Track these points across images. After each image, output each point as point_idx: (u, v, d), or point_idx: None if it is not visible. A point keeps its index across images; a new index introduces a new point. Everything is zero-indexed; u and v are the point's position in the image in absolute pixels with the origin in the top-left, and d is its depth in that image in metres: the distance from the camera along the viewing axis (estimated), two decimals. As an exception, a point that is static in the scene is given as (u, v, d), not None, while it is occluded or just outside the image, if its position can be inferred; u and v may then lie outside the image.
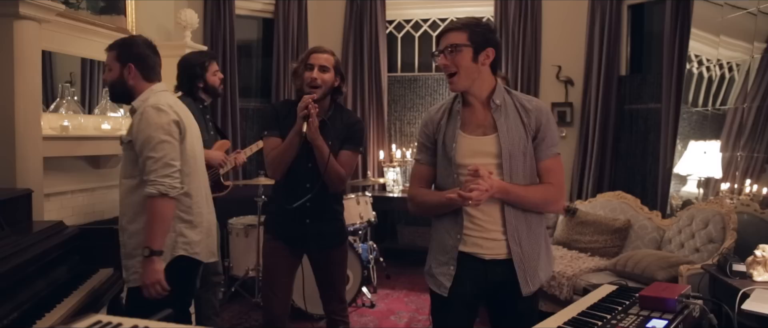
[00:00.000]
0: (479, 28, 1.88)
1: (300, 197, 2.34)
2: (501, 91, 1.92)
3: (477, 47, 1.86)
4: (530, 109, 1.90)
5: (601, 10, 4.80)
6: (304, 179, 2.34)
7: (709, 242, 3.37)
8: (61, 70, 3.42)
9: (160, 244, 2.10)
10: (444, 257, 1.94)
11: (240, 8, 5.28)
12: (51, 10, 2.77)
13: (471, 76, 1.87)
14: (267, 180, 3.85)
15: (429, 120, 1.99)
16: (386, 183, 5.34)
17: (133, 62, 2.21)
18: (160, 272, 2.11)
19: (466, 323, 1.98)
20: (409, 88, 5.66)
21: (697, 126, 4.22)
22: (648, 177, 4.69)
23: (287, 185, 2.38)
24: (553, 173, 1.90)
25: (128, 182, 2.20)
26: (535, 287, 1.93)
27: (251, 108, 5.45)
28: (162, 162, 2.11)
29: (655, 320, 1.61)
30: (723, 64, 4.00)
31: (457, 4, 5.54)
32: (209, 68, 3.04)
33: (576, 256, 3.84)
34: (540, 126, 1.89)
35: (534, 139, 1.89)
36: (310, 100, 2.22)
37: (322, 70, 2.32)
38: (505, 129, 1.87)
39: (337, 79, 2.37)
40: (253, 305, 3.98)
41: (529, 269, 1.90)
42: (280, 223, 2.45)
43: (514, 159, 1.87)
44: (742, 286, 2.50)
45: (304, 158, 2.32)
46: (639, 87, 4.82)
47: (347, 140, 2.38)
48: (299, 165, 2.33)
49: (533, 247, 1.91)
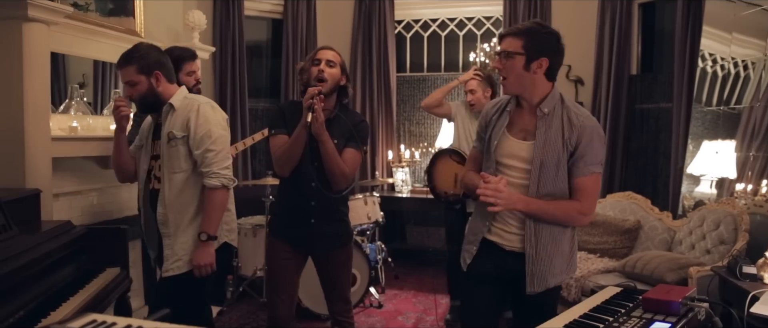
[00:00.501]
0: (536, 37, 1.89)
1: (305, 196, 2.36)
2: (553, 100, 1.94)
3: (530, 56, 1.88)
4: (575, 124, 1.91)
5: (612, 8, 4.75)
6: (309, 178, 2.34)
7: (720, 243, 3.32)
8: (75, 71, 3.47)
9: (216, 230, 2.30)
10: (472, 238, 2.10)
11: (249, 9, 5.31)
12: (59, 13, 2.80)
13: (522, 82, 1.92)
14: (275, 180, 3.85)
15: (485, 113, 2.09)
16: (395, 183, 5.33)
17: (158, 69, 2.28)
18: (213, 255, 2.30)
19: (486, 299, 2.07)
20: (418, 88, 5.65)
21: (711, 126, 4.16)
22: (659, 177, 4.63)
23: (293, 184, 2.39)
24: (586, 192, 1.92)
25: (179, 176, 2.30)
26: (540, 288, 1.98)
27: (260, 108, 5.47)
28: (222, 155, 2.30)
29: (658, 323, 1.59)
30: (737, 62, 3.94)
31: (466, 3, 5.51)
32: (184, 67, 2.92)
33: (585, 257, 3.80)
34: (579, 143, 1.90)
35: (572, 155, 1.91)
36: (315, 92, 2.22)
37: (329, 65, 2.34)
38: (543, 139, 1.91)
39: (343, 77, 2.39)
40: (261, 305, 3.99)
41: (538, 271, 1.96)
42: (285, 223, 2.46)
43: (545, 168, 1.91)
44: (752, 289, 2.46)
45: (309, 157, 2.34)
46: (650, 86, 4.76)
47: (352, 139, 2.39)
48: (305, 164, 2.34)
49: (548, 251, 1.96)
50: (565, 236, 1.99)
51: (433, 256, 5.43)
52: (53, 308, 2.13)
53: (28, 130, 2.68)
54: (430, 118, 5.61)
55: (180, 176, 2.30)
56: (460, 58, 5.66)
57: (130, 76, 2.26)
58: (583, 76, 5.00)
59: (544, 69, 1.90)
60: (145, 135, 2.43)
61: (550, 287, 1.99)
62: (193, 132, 2.26)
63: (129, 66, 2.26)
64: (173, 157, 2.29)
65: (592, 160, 1.91)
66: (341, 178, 2.35)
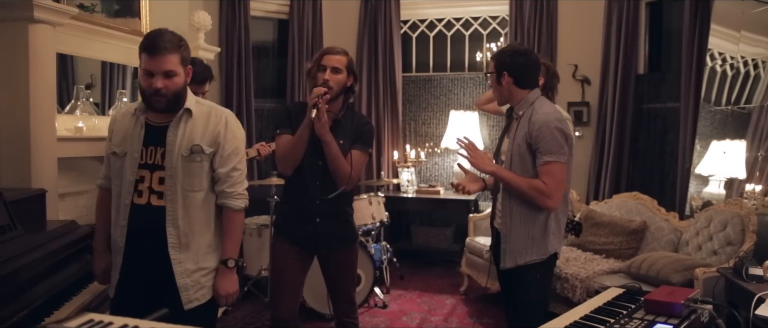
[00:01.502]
0: (498, 57, 2.34)
1: (310, 195, 2.36)
2: (525, 104, 2.31)
3: (498, 72, 2.32)
4: (532, 121, 2.25)
5: (619, 7, 4.71)
6: (314, 177, 2.36)
7: (727, 244, 3.28)
8: (83, 72, 3.49)
9: (237, 254, 2.10)
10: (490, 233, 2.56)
11: (255, 9, 5.32)
12: (65, 14, 2.82)
13: (501, 94, 2.37)
14: (279, 180, 3.86)
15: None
16: (400, 183, 5.33)
17: (190, 64, 2.04)
18: (237, 282, 2.12)
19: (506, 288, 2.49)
20: (424, 88, 5.64)
21: (720, 125, 4.11)
22: (666, 177, 4.59)
23: (297, 183, 2.40)
24: (545, 176, 2.22)
25: (198, 195, 2.00)
26: (510, 264, 2.31)
27: (266, 109, 5.49)
28: (244, 175, 2.11)
29: (660, 324, 1.58)
30: (748, 61, 3.89)
31: (471, 3, 5.49)
32: (205, 86, 2.93)
33: (590, 258, 3.77)
34: (533, 137, 2.23)
35: (535, 148, 2.23)
36: (321, 92, 2.25)
37: (334, 71, 2.36)
38: (513, 136, 2.32)
39: (349, 79, 2.41)
40: (265, 305, 4.00)
41: (510, 248, 2.30)
42: (290, 223, 2.47)
43: (514, 159, 2.31)
44: (758, 290, 2.42)
45: (313, 157, 2.36)
46: (657, 85, 4.72)
47: (357, 140, 2.41)
48: (309, 163, 2.36)
49: (519, 231, 2.28)
50: (537, 220, 2.26)
51: (438, 256, 5.41)
52: (57, 306, 2.15)
53: (34, 130, 2.70)
54: (435, 118, 5.60)
55: (199, 196, 2.00)
56: (466, 58, 5.64)
57: (173, 65, 1.91)
58: (590, 75, 4.97)
59: (509, 82, 2.30)
60: (129, 138, 2.01)
61: (519, 264, 2.28)
62: (222, 148, 2.01)
63: (174, 53, 1.91)
64: (194, 173, 1.99)
65: (545, 150, 2.20)
66: (344, 176, 2.36)
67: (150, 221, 1.98)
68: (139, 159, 1.98)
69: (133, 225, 1.99)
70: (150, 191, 1.99)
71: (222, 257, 2.06)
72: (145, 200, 1.98)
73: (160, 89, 1.90)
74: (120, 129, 2.05)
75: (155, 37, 1.91)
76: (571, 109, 5.00)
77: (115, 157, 2.03)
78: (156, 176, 1.98)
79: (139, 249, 2.00)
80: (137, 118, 2.01)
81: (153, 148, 1.99)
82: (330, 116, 2.33)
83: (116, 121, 2.09)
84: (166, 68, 1.90)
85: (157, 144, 1.99)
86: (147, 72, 1.91)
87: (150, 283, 2.01)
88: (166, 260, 1.98)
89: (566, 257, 3.75)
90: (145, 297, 1.97)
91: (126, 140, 2.01)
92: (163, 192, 1.97)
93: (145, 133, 1.99)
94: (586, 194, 4.89)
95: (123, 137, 2.02)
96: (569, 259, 3.71)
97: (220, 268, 2.06)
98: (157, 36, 1.91)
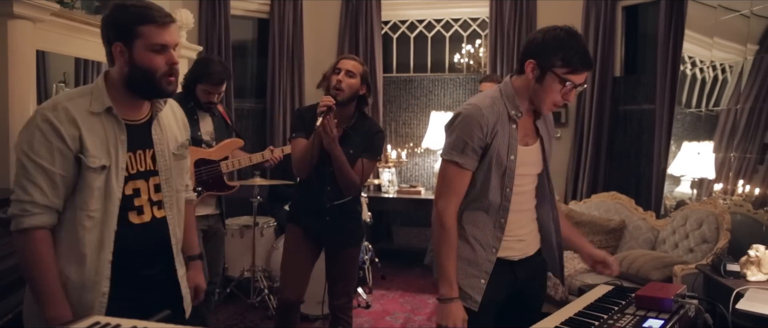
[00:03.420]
0: (527, 43, 1.77)
1: (321, 197, 2.50)
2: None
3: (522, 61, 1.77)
4: (546, 115, 1.89)
5: (596, 10, 4.82)
6: (325, 182, 2.50)
7: (703, 242, 3.39)
8: (55, 69, 3.40)
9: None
10: (474, 270, 1.80)
11: (235, 8, 5.27)
12: (45, 10, 2.77)
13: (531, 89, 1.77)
14: (262, 180, 3.85)
15: (483, 121, 1.73)
16: (381, 184, 5.34)
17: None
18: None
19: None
20: (405, 88, 5.67)
21: (691, 127, 4.25)
22: (642, 178, 4.71)
23: (310, 184, 2.54)
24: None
25: (183, 195, 1.78)
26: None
27: (246, 108, 5.44)
28: None
29: (652, 319, 1.62)
30: (716, 65, 4.03)
31: (452, 4, 5.54)
32: (197, 86, 2.85)
33: (571, 256, 3.84)
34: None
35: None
36: (331, 103, 2.33)
37: (348, 75, 2.44)
38: (547, 137, 1.89)
39: (362, 87, 2.48)
40: (248, 306, 3.97)
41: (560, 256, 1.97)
42: (303, 216, 2.60)
43: (549, 166, 1.89)
44: (736, 286, 2.52)
45: (325, 164, 2.47)
46: (633, 88, 4.85)
47: (367, 149, 2.52)
48: (321, 170, 2.48)
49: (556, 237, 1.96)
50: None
51: (420, 256, 5.44)
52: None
53: (13, 129, 2.63)
54: (416, 118, 5.63)
55: (183, 195, 1.79)
56: (446, 59, 5.69)
57: (177, 35, 1.64)
58: (568, 77, 5.06)
59: (536, 71, 1.77)
60: (106, 144, 1.55)
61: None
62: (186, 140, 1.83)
63: (175, 25, 1.62)
64: (183, 170, 1.77)
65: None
66: (353, 189, 2.52)
67: (153, 239, 1.65)
68: (125, 170, 1.58)
69: (126, 251, 1.58)
70: (150, 203, 1.64)
71: (190, 253, 1.87)
72: (148, 216, 1.63)
73: (176, 65, 1.59)
74: (90, 134, 1.52)
75: (153, 6, 1.56)
76: (550, 111, 5.08)
77: (95, 173, 1.52)
78: (152, 184, 1.65)
79: (136, 276, 1.62)
80: (111, 118, 1.56)
81: (141, 151, 1.62)
82: (339, 130, 2.44)
83: (76, 123, 1.51)
84: (177, 40, 1.61)
85: (143, 146, 1.63)
86: (157, 47, 1.54)
87: (142, 307, 1.51)
88: (168, 276, 1.71)
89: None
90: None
91: (105, 148, 1.54)
92: (162, 201, 1.66)
93: (128, 135, 1.59)
94: (565, 194, 4.99)
95: (100, 144, 1.53)
96: (551, 257, 3.77)
97: (195, 263, 1.89)
98: (154, 5, 1.57)
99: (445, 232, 1.75)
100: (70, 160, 1.50)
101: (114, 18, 1.55)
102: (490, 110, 1.74)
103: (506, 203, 1.78)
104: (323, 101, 2.34)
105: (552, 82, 1.70)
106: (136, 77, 1.56)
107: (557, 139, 5.04)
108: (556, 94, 1.72)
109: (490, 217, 1.79)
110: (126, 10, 1.54)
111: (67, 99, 1.54)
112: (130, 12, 1.54)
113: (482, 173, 1.76)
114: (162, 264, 1.68)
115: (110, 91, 1.57)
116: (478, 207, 1.79)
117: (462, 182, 1.76)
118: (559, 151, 5.09)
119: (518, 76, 1.78)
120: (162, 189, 1.67)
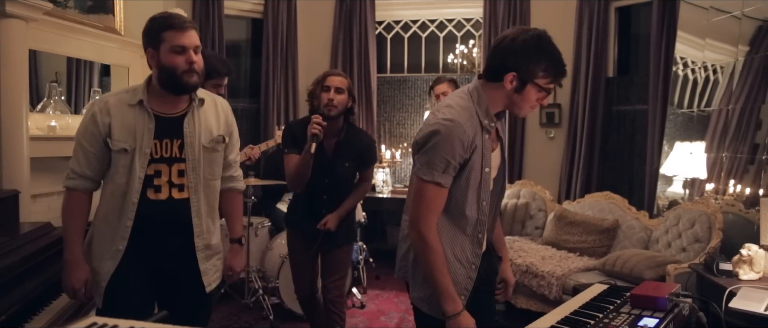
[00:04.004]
0: (501, 52, 1.69)
1: (317, 207, 2.66)
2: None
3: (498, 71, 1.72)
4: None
5: (589, 11, 4.85)
6: (321, 192, 2.64)
7: (695, 241, 3.42)
8: (47, 69, 3.39)
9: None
10: (455, 287, 1.71)
11: (229, 8, 5.26)
12: (38, 9, 2.74)
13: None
14: (257, 180, 3.84)
15: (465, 137, 1.65)
16: (376, 184, 5.34)
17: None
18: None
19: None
20: (399, 89, 5.67)
21: (683, 127, 4.28)
22: (635, 178, 4.74)
23: (306, 195, 2.67)
24: None
25: (215, 183, 2.02)
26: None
27: (240, 108, 5.42)
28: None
29: (647, 318, 1.63)
30: (708, 66, 4.06)
31: (446, 5, 5.55)
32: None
33: (565, 256, 3.87)
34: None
35: None
36: (319, 128, 2.44)
37: (337, 91, 2.56)
38: (504, 136, 1.88)
39: (349, 100, 2.63)
40: (242, 307, 3.96)
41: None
42: (300, 221, 2.75)
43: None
44: (728, 284, 2.55)
45: (320, 174, 2.59)
46: (626, 88, 4.88)
47: (365, 162, 2.72)
48: (316, 181, 2.61)
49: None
50: None
51: (414, 256, 5.45)
52: (36, 311, 2.09)
53: (6, 129, 2.62)
54: (410, 118, 5.64)
55: (217, 183, 2.03)
56: (440, 60, 5.70)
57: (198, 40, 1.89)
58: (561, 78, 5.08)
59: (514, 84, 1.73)
60: (136, 131, 1.87)
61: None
62: (231, 136, 2.06)
63: (196, 30, 1.90)
64: (215, 162, 2.00)
65: None
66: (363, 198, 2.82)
67: (173, 215, 1.92)
68: (149, 154, 1.87)
69: (146, 222, 1.88)
70: (170, 184, 1.91)
71: (233, 236, 2.13)
72: (165, 194, 1.90)
73: (195, 63, 1.85)
74: (120, 122, 1.86)
75: (174, 15, 1.87)
76: (543, 111, 5.11)
77: (120, 154, 1.86)
78: (175, 169, 1.91)
79: (152, 246, 1.90)
80: (143, 110, 1.87)
81: (167, 141, 1.90)
82: (332, 143, 2.61)
83: (110, 113, 1.87)
84: (196, 43, 1.87)
85: (171, 136, 1.90)
86: (177, 48, 1.82)
87: (158, 274, 1.93)
88: (187, 250, 1.95)
89: (541, 255, 3.83)
90: (149, 290, 1.95)
91: (131, 134, 1.86)
92: (184, 184, 1.92)
93: (156, 126, 1.88)
94: (559, 194, 5.01)
95: (127, 131, 1.86)
96: (545, 257, 3.79)
97: (234, 246, 2.13)
98: (176, 14, 1.88)
99: (433, 252, 1.66)
100: (100, 141, 1.87)
101: (146, 29, 1.87)
102: (470, 125, 1.66)
103: (483, 217, 1.74)
104: (314, 122, 2.44)
105: (532, 91, 1.67)
106: (164, 76, 1.86)
107: (550, 139, 5.08)
108: (534, 101, 1.70)
109: (467, 234, 1.73)
110: (154, 20, 1.87)
111: (113, 94, 1.94)
112: (157, 21, 1.85)
113: (459, 189, 1.69)
114: (181, 240, 1.94)
115: (151, 91, 1.90)
116: (454, 223, 1.72)
117: (442, 202, 1.69)
118: (552, 152, 5.12)
119: (491, 84, 1.70)
120: (187, 175, 1.92)
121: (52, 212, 3.08)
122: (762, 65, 3.52)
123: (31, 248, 2.23)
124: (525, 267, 3.71)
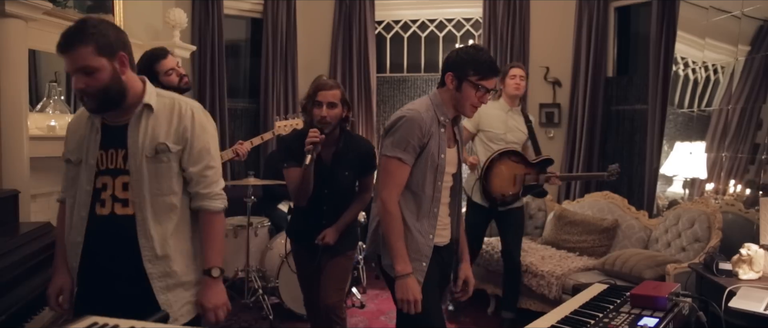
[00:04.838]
0: (445, 61, 2.11)
1: (317, 217, 2.65)
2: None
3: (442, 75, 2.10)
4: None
5: (589, 11, 4.85)
6: (321, 203, 2.63)
7: (695, 241, 3.42)
8: (46, 69, 3.38)
9: (221, 262, 1.84)
10: (416, 255, 2.05)
11: (228, 8, 5.25)
12: (38, 9, 2.74)
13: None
14: (256, 180, 3.84)
15: (423, 123, 2.01)
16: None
17: (123, 50, 1.70)
18: (225, 293, 1.85)
19: (439, 307, 2.20)
20: (399, 88, 5.67)
21: (683, 127, 4.28)
22: (635, 177, 4.74)
23: (306, 208, 2.65)
24: None
25: (170, 199, 1.77)
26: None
27: (240, 108, 5.42)
28: (220, 173, 1.88)
29: (647, 318, 1.64)
30: (708, 66, 4.07)
31: (446, 5, 5.55)
32: (159, 69, 2.62)
33: (564, 255, 3.87)
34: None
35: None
36: (317, 135, 2.42)
37: (330, 106, 2.51)
38: (460, 142, 2.19)
39: (344, 110, 2.57)
40: (242, 307, 3.95)
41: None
42: (301, 232, 2.74)
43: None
44: (728, 284, 2.55)
45: (320, 185, 2.58)
46: (626, 88, 4.88)
47: (366, 169, 2.68)
48: (316, 191, 2.59)
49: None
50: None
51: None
52: (36, 311, 2.09)
53: (5, 129, 2.62)
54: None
55: (170, 200, 1.77)
56: (439, 59, 5.70)
57: (85, 59, 1.61)
58: (561, 78, 5.09)
59: (454, 83, 2.08)
60: (84, 143, 1.77)
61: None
62: (190, 145, 1.78)
63: (84, 46, 1.60)
64: (162, 175, 1.76)
65: None
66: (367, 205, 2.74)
67: (116, 233, 1.73)
68: (95, 166, 1.73)
69: (94, 239, 1.74)
70: (113, 198, 1.74)
71: (204, 267, 1.82)
72: (108, 209, 1.73)
73: (84, 89, 1.64)
74: (74, 134, 1.81)
75: (64, 33, 1.63)
76: (543, 111, 5.11)
77: (69, 166, 1.79)
78: (119, 182, 1.74)
79: (101, 266, 1.74)
80: (92, 121, 1.76)
81: (113, 151, 1.74)
82: (330, 153, 2.59)
83: (70, 127, 1.84)
84: (79, 65, 1.62)
85: (116, 146, 1.74)
86: (68, 73, 1.68)
87: (115, 296, 1.73)
88: (140, 274, 1.74)
89: (541, 255, 3.83)
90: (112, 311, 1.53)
91: (81, 146, 1.77)
92: (129, 199, 1.74)
93: (102, 135, 1.75)
94: (558, 194, 5.01)
95: (78, 143, 1.78)
96: (544, 257, 3.79)
97: (204, 279, 1.81)
98: (67, 30, 1.63)
99: (392, 217, 1.98)
100: (64, 155, 1.84)
101: None
102: (427, 115, 2.03)
103: (438, 194, 2.06)
104: (310, 136, 2.42)
105: (468, 89, 2.02)
106: None
107: (550, 139, 5.07)
108: (473, 99, 2.03)
109: (424, 208, 2.05)
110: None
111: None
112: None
113: (419, 170, 2.03)
114: (128, 260, 1.73)
115: None
116: (415, 200, 2.05)
117: (402, 176, 2.01)
118: (552, 151, 5.10)
119: (441, 89, 2.09)
120: (130, 188, 1.74)
121: (52, 211, 3.07)
122: (762, 65, 3.52)
123: (31, 248, 2.23)
124: (525, 267, 3.71)
